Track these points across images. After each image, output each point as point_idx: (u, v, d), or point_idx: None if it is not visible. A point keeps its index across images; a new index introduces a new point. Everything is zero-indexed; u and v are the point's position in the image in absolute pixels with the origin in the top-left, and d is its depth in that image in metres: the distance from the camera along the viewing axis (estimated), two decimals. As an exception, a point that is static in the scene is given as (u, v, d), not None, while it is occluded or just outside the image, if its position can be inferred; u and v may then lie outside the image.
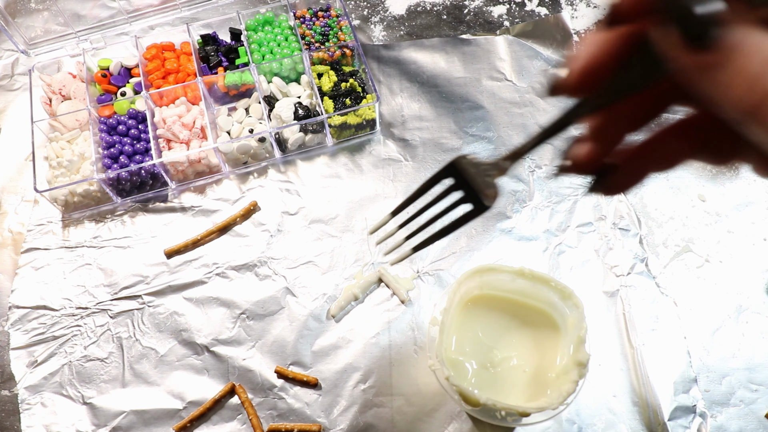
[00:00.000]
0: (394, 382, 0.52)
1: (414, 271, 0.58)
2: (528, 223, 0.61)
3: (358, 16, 0.77)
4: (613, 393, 0.51)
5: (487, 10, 0.77)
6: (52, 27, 0.73)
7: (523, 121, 0.67)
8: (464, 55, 0.72)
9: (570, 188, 0.63)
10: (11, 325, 0.56)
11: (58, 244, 0.61)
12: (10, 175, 0.66)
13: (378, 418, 0.51)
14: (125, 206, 0.63)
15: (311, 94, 0.67)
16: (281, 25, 0.71)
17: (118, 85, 0.69)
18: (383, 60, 0.72)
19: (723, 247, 0.59)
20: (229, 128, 0.65)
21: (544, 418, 0.45)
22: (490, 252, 0.59)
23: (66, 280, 0.59)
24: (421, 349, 0.54)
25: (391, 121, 0.68)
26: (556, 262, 0.58)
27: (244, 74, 0.67)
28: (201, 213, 0.62)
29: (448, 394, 0.45)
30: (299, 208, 0.62)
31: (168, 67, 0.68)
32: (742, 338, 0.54)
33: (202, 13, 0.77)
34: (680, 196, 0.63)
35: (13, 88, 0.72)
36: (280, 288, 0.58)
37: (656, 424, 0.50)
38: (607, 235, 0.59)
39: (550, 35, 0.73)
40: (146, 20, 0.76)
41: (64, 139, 0.64)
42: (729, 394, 0.52)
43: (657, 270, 0.58)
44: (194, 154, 0.62)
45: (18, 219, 0.63)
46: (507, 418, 0.42)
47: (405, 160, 0.65)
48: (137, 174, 0.61)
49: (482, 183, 0.37)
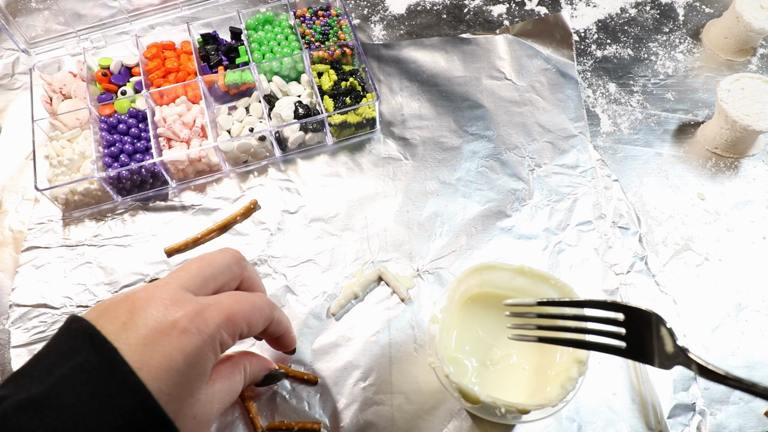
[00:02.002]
0: (394, 380, 0.52)
1: (414, 270, 0.58)
2: (528, 221, 0.61)
3: (358, 15, 0.77)
4: (613, 391, 0.52)
5: (486, 9, 0.77)
6: (52, 26, 0.73)
7: (522, 120, 0.67)
8: (464, 54, 0.73)
9: (570, 187, 0.63)
10: (12, 324, 0.56)
11: (58, 243, 0.61)
12: (11, 174, 0.66)
13: (378, 416, 0.51)
14: (125, 205, 0.63)
15: (311, 93, 0.67)
16: (281, 24, 0.71)
17: (118, 84, 0.69)
18: (383, 59, 0.72)
19: (722, 246, 0.59)
20: (230, 127, 0.65)
21: (544, 416, 0.45)
22: (490, 250, 0.59)
23: (66, 279, 0.59)
24: (421, 347, 0.54)
25: (391, 120, 0.68)
26: (556, 260, 0.58)
27: (245, 73, 0.67)
28: (201, 212, 0.62)
29: (448, 392, 0.45)
30: (299, 207, 0.62)
31: (168, 66, 0.68)
32: (741, 336, 0.54)
33: (203, 12, 0.77)
34: (680, 195, 0.63)
35: (13, 87, 0.72)
36: (280, 286, 0.58)
37: (656, 422, 0.50)
38: (606, 234, 0.59)
39: (550, 34, 0.73)
40: (147, 19, 0.76)
41: (65, 137, 0.64)
42: (728, 392, 0.52)
43: (656, 268, 0.58)
44: (194, 152, 0.62)
45: (18, 217, 0.63)
46: (507, 415, 0.42)
47: (405, 159, 0.65)
48: (138, 173, 0.61)
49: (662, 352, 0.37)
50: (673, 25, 0.76)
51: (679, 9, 0.77)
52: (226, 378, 0.38)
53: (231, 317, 0.36)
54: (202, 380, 0.35)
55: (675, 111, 0.69)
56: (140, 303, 0.34)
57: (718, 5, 0.77)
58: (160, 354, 0.32)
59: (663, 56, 0.73)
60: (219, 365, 0.39)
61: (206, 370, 0.35)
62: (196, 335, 0.33)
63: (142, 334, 0.32)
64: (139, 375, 0.31)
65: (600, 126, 0.68)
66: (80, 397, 0.29)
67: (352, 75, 0.67)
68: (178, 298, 0.35)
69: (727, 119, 0.61)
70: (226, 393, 0.38)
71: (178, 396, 0.32)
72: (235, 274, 0.40)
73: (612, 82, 0.71)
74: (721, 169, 0.64)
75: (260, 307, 0.39)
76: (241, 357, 0.42)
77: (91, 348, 0.31)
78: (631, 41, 0.74)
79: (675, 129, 0.67)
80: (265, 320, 0.39)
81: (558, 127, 0.67)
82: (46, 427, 0.28)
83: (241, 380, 0.40)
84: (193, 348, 0.33)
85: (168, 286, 0.36)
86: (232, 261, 0.40)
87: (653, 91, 0.70)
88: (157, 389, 0.31)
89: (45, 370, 0.31)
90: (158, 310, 0.34)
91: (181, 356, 0.33)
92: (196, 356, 0.33)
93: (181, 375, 0.33)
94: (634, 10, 0.77)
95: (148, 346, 0.32)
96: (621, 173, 0.64)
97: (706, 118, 0.68)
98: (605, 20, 0.77)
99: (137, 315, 0.33)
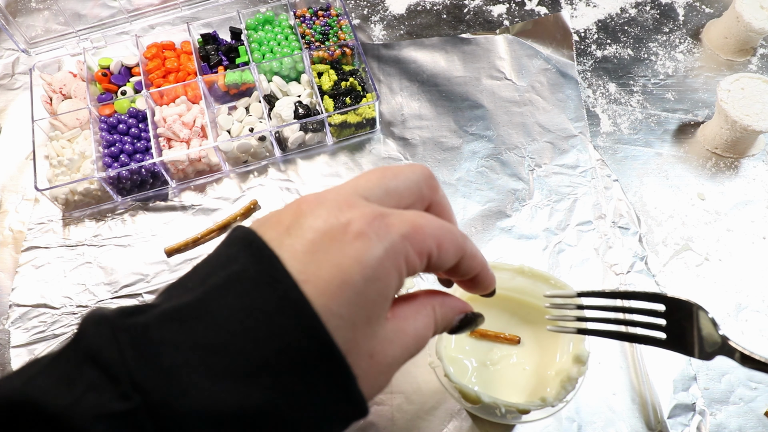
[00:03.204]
0: (394, 380, 0.52)
1: (414, 270, 0.58)
2: (528, 221, 0.61)
3: (358, 15, 0.77)
4: (613, 391, 0.52)
5: (486, 9, 0.77)
6: (52, 26, 0.73)
7: (522, 120, 0.67)
8: (464, 54, 0.73)
9: (570, 187, 0.63)
10: (12, 324, 0.56)
11: (58, 243, 0.61)
12: (11, 174, 0.66)
13: (378, 416, 0.51)
14: (125, 205, 0.63)
15: (311, 93, 0.67)
16: (281, 24, 0.71)
17: (118, 84, 0.69)
18: (383, 59, 0.72)
19: (722, 246, 0.59)
20: (230, 127, 0.65)
21: (544, 416, 0.45)
22: (490, 250, 0.59)
23: (66, 279, 0.59)
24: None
25: (391, 120, 0.68)
26: (556, 260, 0.58)
27: (245, 73, 0.67)
28: (201, 212, 0.62)
29: (448, 392, 0.45)
30: (299, 207, 0.62)
31: (168, 66, 0.68)
32: (741, 336, 0.54)
33: (203, 12, 0.77)
34: (680, 195, 0.63)
35: (13, 87, 0.72)
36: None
37: (656, 422, 0.50)
38: (606, 234, 0.59)
39: (550, 34, 0.73)
40: (146, 19, 0.76)
41: (65, 137, 0.64)
42: (728, 392, 0.52)
43: (656, 268, 0.58)
44: (194, 152, 0.62)
45: (18, 217, 0.63)
46: (507, 415, 0.42)
47: (405, 159, 0.65)
48: (137, 173, 0.61)
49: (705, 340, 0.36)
50: (673, 25, 0.76)
51: (679, 9, 0.77)
52: (411, 317, 0.30)
53: (418, 229, 0.27)
54: (383, 305, 0.27)
55: (675, 111, 0.69)
56: (308, 206, 0.27)
57: (718, 5, 0.77)
58: (331, 263, 0.25)
59: (663, 56, 0.73)
60: (401, 303, 0.30)
61: (388, 292, 0.27)
62: (375, 242, 0.26)
63: (309, 239, 0.26)
64: (303, 288, 0.25)
65: (600, 126, 0.68)
66: (232, 310, 0.24)
67: (352, 75, 0.67)
68: (353, 201, 0.28)
69: (727, 119, 0.61)
70: (411, 337, 0.29)
71: (351, 320, 0.25)
72: (424, 195, 0.32)
73: (612, 82, 0.71)
74: (721, 169, 0.64)
75: (451, 231, 0.30)
76: (429, 296, 0.33)
77: (248, 255, 0.26)
78: (631, 41, 0.74)
79: (675, 129, 0.67)
80: (456, 249, 0.30)
81: (558, 127, 0.67)
82: (190, 342, 0.24)
83: (430, 324, 0.31)
84: (372, 258, 0.25)
85: (343, 190, 0.28)
86: (421, 178, 0.31)
87: (653, 91, 0.70)
88: (325, 308, 0.25)
89: (199, 281, 0.26)
90: (329, 211, 0.27)
91: (358, 267, 0.25)
92: (376, 269, 0.26)
93: (357, 292, 0.25)
94: (634, 10, 0.77)
95: (316, 254, 0.25)
96: (621, 173, 0.64)
97: (706, 118, 0.68)
98: (605, 20, 0.77)
99: (304, 218, 0.27)
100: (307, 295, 0.24)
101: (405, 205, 0.31)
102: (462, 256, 0.31)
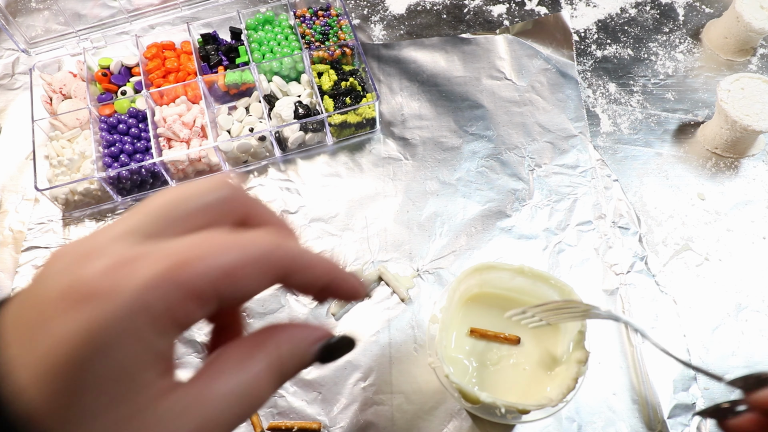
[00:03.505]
0: (394, 380, 0.52)
1: (414, 270, 0.58)
2: (528, 221, 0.61)
3: (358, 15, 0.77)
4: (613, 391, 0.52)
5: (486, 9, 0.77)
6: (52, 26, 0.73)
7: (522, 120, 0.67)
8: (464, 54, 0.73)
9: (570, 187, 0.63)
10: (12, 324, 0.56)
11: (58, 243, 0.61)
12: (11, 174, 0.66)
13: (378, 416, 0.51)
14: (125, 205, 0.63)
15: (311, 93, 0.67)
16: (281, 24, 0.71)
17: (118, 84, 0.69)
18: (383, 59, 0.72)
19: (722, 246, 0.59)
20: (230, 127, 0.65)
21: (544, 416, 0.45)
22: (490, 250, 0.59)
23: (66, 279, 0.59)
24: (421, 347, 0.54)
25: (391, 120, 0.68)
26: (556, 260, 0.58)
27: (245, 73, 0.67)
28: (201, 211, 0.62)
29: (448, 392, 0.45)
30: (299, 207, 0.62)
31: (168, 66, 0.68)
32: (741, 336, 0.54)
33: (203, 12, 0.77)
34: (680, 195, 0.63)
35: (13, 87, 0.72)
36: (279, 286, 0.57)
37: (656, 422, 0.50)
38: (606, 234, 0.59)
39: (550, 34, 0.73)
40: (146, 19, 0.76)
41: (65, 137, 0.64)
42: (729, 392, 0.52)
43: (656, 268, 0.58)
44: (194, 152, 0.62)
45: (18, 218, 0.63)
46: (507, 415, 0.42)
47: (405, 159, 0.65)
48: (137, 173, 0.61)
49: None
50: (673, 25, 0.76)
51: (679, 9, 0.77)
52: (230, 371, 0.24)
53: (181, 267, 0.21)
54: (134, 379, 0.21)
55: (675, 111, 0.69)
56: (53, 258, 0.22)
57: (718, 5, 0.77)
58: (51, 341, 0.20)
59: (663, 56, 0.73)
60: (223, 355, 0.25)
61: (136, 361, 0.21)
62: (105, 302, 0.20)
63: (35, 309, 0.21)
64: (15, 376, 0.20)
65: (600, 126, 0.68)
66: None
67: (352, 75, 0.67)
68: (104, 246, 0.22)
69: (727, 119, 0.61)
70: (226, 397, 0.23)
71: (67, 414, 0.20)
72: (228, 210, 0.25)
73: (612, 82, 0.71)
74: (721, 169, 0.64)
75: (250, 250, 0.24)
76: (271, 333, 0.26)
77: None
78: (631, 41, 0.74)
79: (675, 129, 0.67)
80: (265, 269, 0.25)
81: (558, 127, 0.67)
82: None
83: (271, 368, 0.25)
84: (99, 325, 0.20)
85: (108, 231, 0.22)
86: (221, 192, 0.25)
87: (653, 91, 0.70)
88: (40, 401, 0.19)
89: None
90: (67, 267, 0.21)
91: (66, 346, 0.19)
92: (105, 338, 0.20)
93: (69, 378, 0.20)
94: (634, 10, 0.77)
95: (35, 330, 0.20)
96: (621, 173, 0.64)
97: (706, 118, 0.68)
98: (605, 20, 0.76)
99: (37, 282, 0.21)
100: (22, 385, 0.20)
101: (201, 228, 0.24)
102: (285, 272, 0.26)
